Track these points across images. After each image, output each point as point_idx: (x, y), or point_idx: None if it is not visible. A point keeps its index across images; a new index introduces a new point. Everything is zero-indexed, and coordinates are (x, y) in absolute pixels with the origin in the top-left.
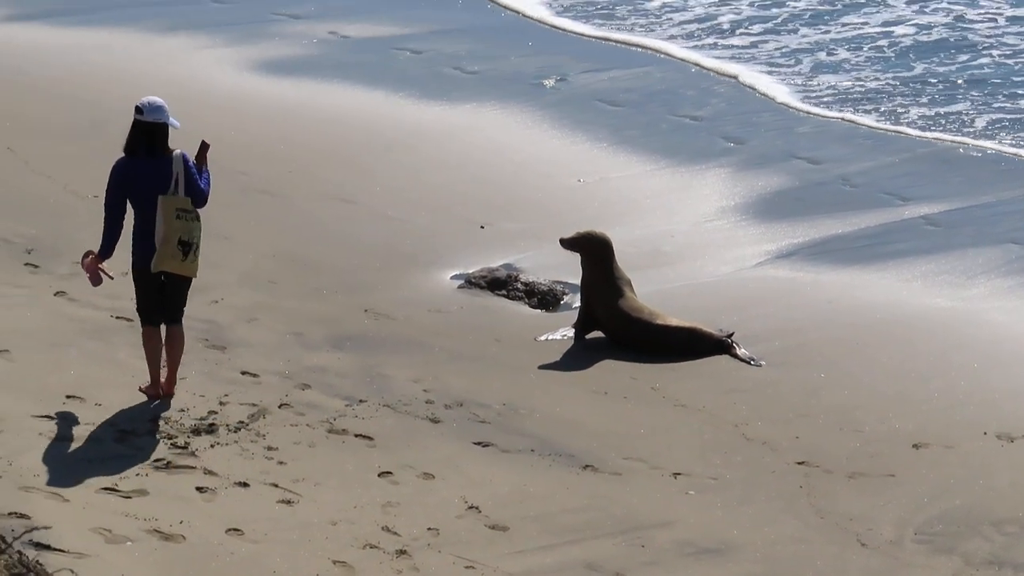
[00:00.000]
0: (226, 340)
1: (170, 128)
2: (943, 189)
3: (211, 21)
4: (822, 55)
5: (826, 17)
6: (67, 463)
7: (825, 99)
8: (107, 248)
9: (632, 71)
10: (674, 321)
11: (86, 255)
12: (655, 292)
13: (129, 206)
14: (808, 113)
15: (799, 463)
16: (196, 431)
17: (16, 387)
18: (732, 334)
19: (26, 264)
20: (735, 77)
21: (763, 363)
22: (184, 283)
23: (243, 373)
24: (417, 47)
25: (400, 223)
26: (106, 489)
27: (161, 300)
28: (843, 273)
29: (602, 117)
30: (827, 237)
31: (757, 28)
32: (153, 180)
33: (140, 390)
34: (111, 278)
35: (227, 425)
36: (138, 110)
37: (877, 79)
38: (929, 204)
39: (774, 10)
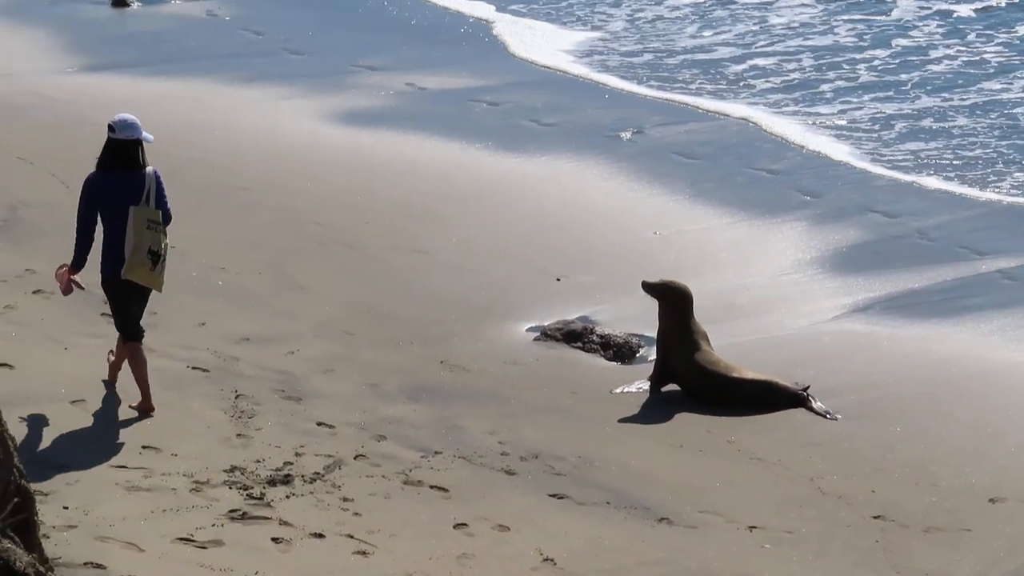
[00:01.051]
0: (302, 391)
1: (143, 138)
2: (1020, 243)
3: (289, 72)
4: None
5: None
6: (143, 513)
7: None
8: (79, 260)
9: (708, 124)
10: (750, 374)
11: (60, 267)
12: (731, 345)
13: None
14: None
15: (875, 517)
16: (272, 482)
17: (92, 437)
18: (807, 388)
19: (102, 314)
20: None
21: (839, 417)
22: (145, 298)
23: (319, 424)
24: (493, 99)
25: (476, 274)
26: (182, 539)
27: (139, 310)
28: (919, 327)
29: (678, 170)
30: (903, 291)
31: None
32: (126, 192)
33: (132, 407)
34: (82, 288)
35: (303, 476)
36: (111, 128)
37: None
38: (1006, 258)
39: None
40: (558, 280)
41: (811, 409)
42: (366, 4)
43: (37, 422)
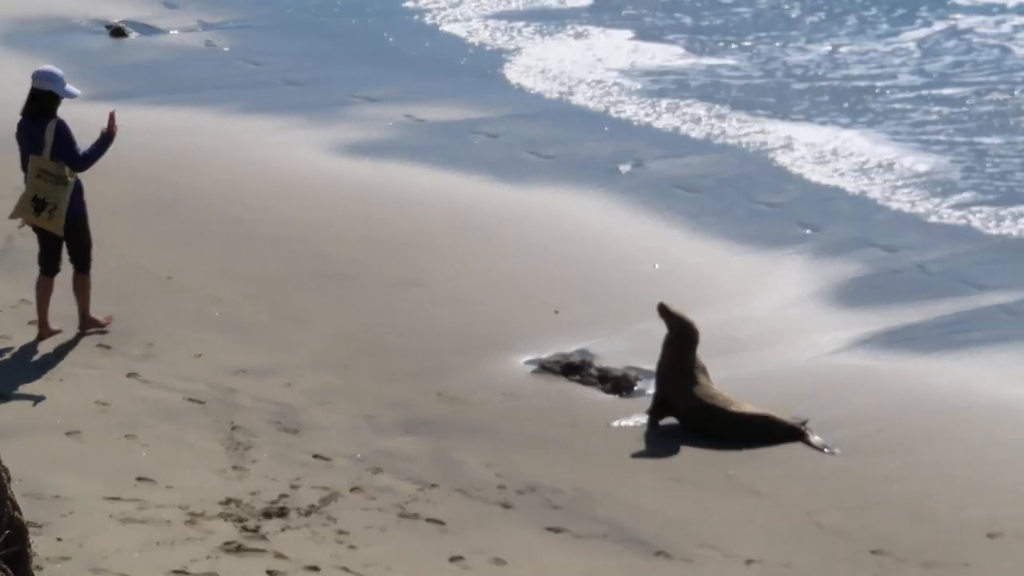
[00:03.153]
0: (298, 423)
1: (61, 95)
2: (1020, 278)
3: (287, 103)
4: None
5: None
6: (137, 545)
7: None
8: None
9: (708, 157)
10: (748, 408)
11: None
12: (729, 378)
13: None
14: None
15: (873, 552)
16: (267, 514)
17: (87, 468)
18: (806, 421)
19: (99, 345)
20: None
21: (837, 451)
22: (70, 238)
23: (315, 456)
24: (493, 131)
25: (474, 307)
26: (176, 572)
27: (52, 252)
28: (919, 361)
29: (678, 203)
30: (903, 325)
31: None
32: (30, 140)
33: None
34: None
35: (298, 508)
36: (32, 77)
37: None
38: (1006, 293)
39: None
40: (556, 313)
41: (809, 443)
42: (364, 35)
43: (31, 453)
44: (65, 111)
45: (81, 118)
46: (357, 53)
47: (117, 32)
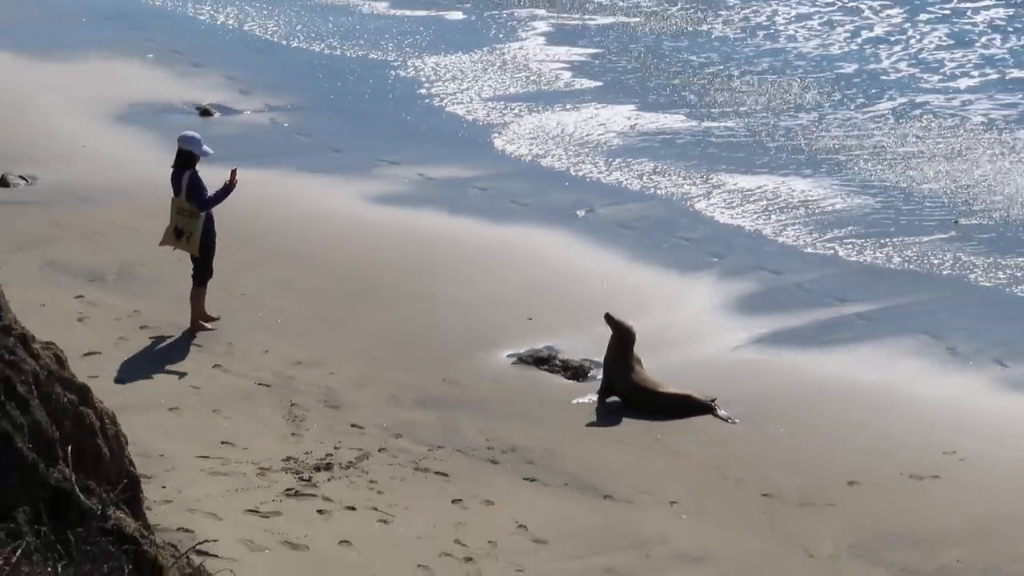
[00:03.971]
0: (340, 401)
1: (199, 154)
2: (873, 294)
3: (331, 166)
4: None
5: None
6: (221, 492)
7: (786, 231)
8: None
9: (643, 204)
10: (672, 389)
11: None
12: (659, 367)
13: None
14: (772, 240)
15: (762, 495)
16: (317, 468)
17: (183, 435)
18: (715, 399)
19: (194, 344)
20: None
21: (737, 421)
22: (196, 260)
23: (352, 425)
24: (483, 185)
25: (470, 315)
26: (250, 511)
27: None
28: (797, 355)
29: (620, 238)
30: (785, 328)
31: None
32: (175, 185)
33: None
34: None
35: (340, 464)
36: (178, 139)
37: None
38: (861, 305)
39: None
40: (530, 319)
41: (717, 415)
42: (388, 114)
43: (142, 424)
44: (155, 185)
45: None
46: (382, 128)
47: (205, 112)
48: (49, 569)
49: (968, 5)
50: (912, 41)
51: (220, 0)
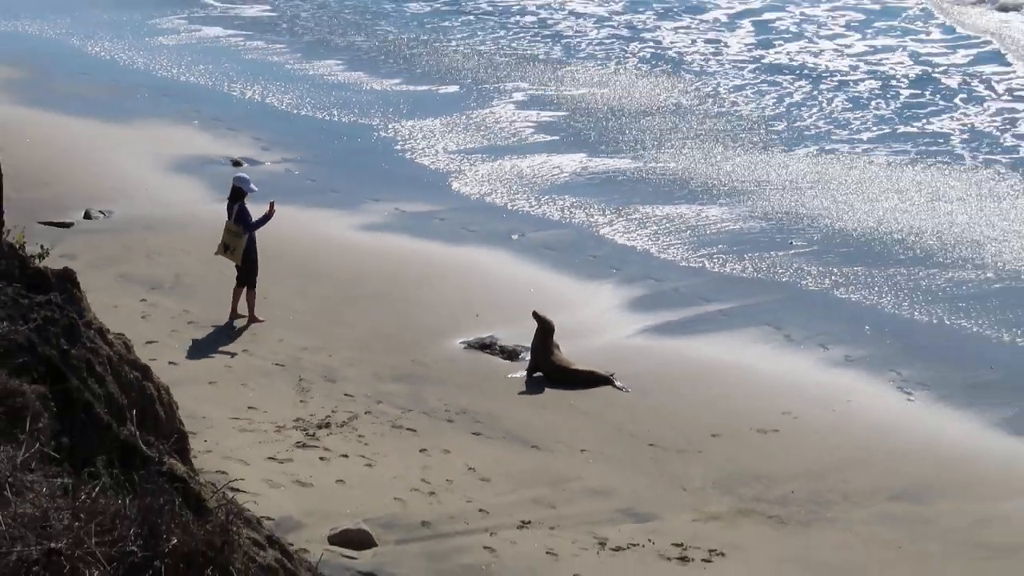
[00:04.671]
0: (337, 376)
1: (246, 191)
2: (729, 295)
3: (330, 203)
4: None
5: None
6: (248, 444)
7: (667, 249)
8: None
9: (562, 231)
10: (581, 366)
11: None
12: (572, 351)
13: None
14: (656, 256)
15: (649, 445)
16: (319, 426)
17: (220, 402)
18: (613, 374)
19: (227, 334)
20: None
21: (630, 390)
22: (240, 268)
23: (345, 395)
24: (443, 217)
25: (433, 314)
26: (269, 458)
27: (241, 274)
28: (675, 341)
29: (544, 256)
30: (666, 322)
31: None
32: (228, 212)
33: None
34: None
35: (336, 423)
36: (233, 178)
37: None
38: (721, 304)
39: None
40: (477, 316)
41: (615, 386)
42: (371, 164)
43: (189, 393)
44: (200, 218)
45: (217, 214)
46: (368, 175)
47: (236, 163)
48: (119, 501)
49: (850, 77)
50: (824, 104)
51: (249, 80)
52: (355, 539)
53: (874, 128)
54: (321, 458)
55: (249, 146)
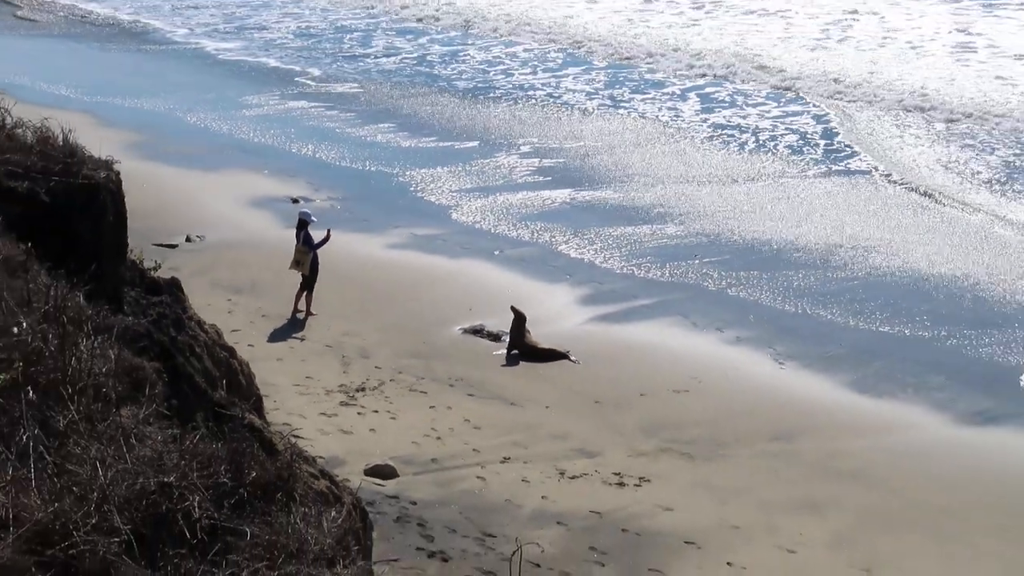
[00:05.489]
0: (368, 354)
1: (309, 221)
2: (652, 294)
3: (362, 228)
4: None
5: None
6: (306, 403)
7: (613, 260)
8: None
9: (531, 248)
10: (545, 345)
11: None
12: (539, 334)
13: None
14: (600, 266)
15: (595, 402)
16: (357, 390)
17: (285, 373)
18: (569, 351)
19: (289, 325)
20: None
21: (580, 362)
22: (305, 277)
23: (376, 367)
24: (445, 238)
25: (438, 308)
26: (321, 414)
27: (305, 280)
28: (616, 327)
29: (518, 266)
30: (606, 313)
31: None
32: (296, 237)
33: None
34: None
35: (369, 388)
36: (299, 212)
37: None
38: (646, 300)
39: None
40: (470, 309)
41: (570, 360)
42: (391, 200)
43: (262, 368)
44: (268, 244)
45: (280, 239)
46: (391, 208)
47: (294, 200)
48: (213, 446)
49: (766, 135)
50: (774, 147)
51: (305, 140)
52: (384, 472)
53: (769, 168)
54: (359, 413)
55: (304, 187)
